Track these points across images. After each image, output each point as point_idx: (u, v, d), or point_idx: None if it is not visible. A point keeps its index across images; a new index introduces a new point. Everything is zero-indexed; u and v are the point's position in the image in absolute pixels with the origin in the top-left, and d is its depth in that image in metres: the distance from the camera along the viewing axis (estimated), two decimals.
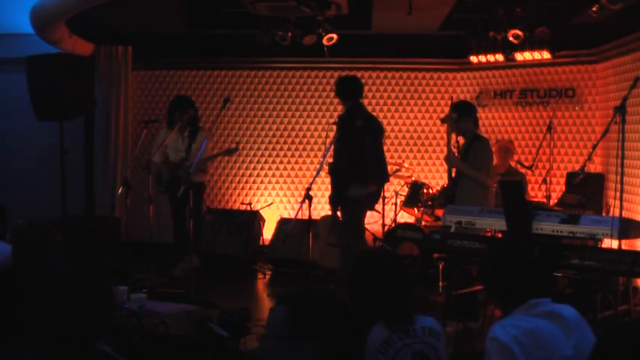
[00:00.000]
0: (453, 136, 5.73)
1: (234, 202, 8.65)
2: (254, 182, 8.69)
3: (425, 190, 7.11)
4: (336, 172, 5.81)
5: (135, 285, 4.67)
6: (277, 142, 8.61)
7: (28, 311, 1.68)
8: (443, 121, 5.86)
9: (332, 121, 6.95)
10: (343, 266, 5.91)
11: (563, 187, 7.25)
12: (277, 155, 8.61)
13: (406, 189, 7.41)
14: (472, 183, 5.38)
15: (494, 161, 6.24)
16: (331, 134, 6.18)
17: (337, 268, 6.78)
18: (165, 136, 6.70)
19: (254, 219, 7.76)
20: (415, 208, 7.26)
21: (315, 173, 5.57)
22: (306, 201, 5.13)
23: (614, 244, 4.33)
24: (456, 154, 5.67)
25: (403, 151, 8.49)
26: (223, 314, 4.21)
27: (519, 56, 7.42)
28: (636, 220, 5.36)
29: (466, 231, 4.93)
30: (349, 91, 5.91)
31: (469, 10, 7.18)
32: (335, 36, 7.44)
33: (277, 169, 8.63)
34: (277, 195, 8.61)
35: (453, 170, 5.67)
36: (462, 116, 5.49)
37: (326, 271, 6.82)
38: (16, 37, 7.87)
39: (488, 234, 5.34)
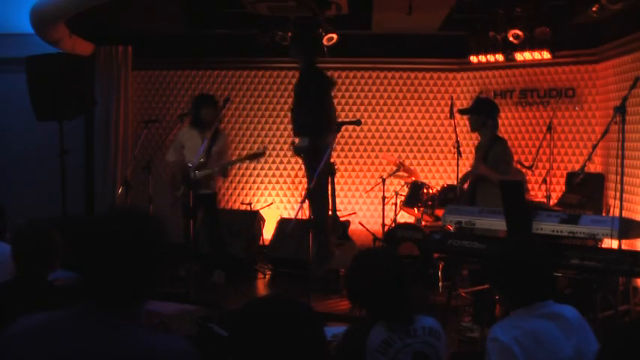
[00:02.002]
0: (453, 136, 5.73)
1: (234, 202, 8.66)
2: (254, 182, 8.69)
3: (425, 190, 7.11)
4: (312, 122, 5.77)
5: None
6: (277, 142, 8.62)
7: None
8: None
9: None
10: (318, 219, 5.97)
11: (563, 187, 7.25)
12: (277, 155, 8.62)
13: (406, 189, 7.41)
14: (494, 186, 5.30)
15: None
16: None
17: (337, 268, 6.78)
18: (182, 135, 6.59)
19: (254, 219, 7.76)
20: (415, 208, 7.26)
21: (315, 173, 5.56)
22: (306, 201, 5.13)
23: (614, 244, 4.33)
24: (455, 155, 5.66)
25: (403, 151, 8.49)
26: (223, 314, 4.21)
27: (519, 56, 7.42)
28: (636, 220, 5.36)
29: (467, 231, 4.92)
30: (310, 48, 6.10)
31: (469, 10, 7.18)
32: (335, 36, 7.44)
33: (277, 169, 8.63)
34: (277, 195, 8.62)
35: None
36: (478, 114, 5.47)
37: (326, 271, 6.82)
38: (16, 37, 7.87)
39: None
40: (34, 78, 6.07)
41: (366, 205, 8.53)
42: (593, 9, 6.03)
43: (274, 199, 8.58)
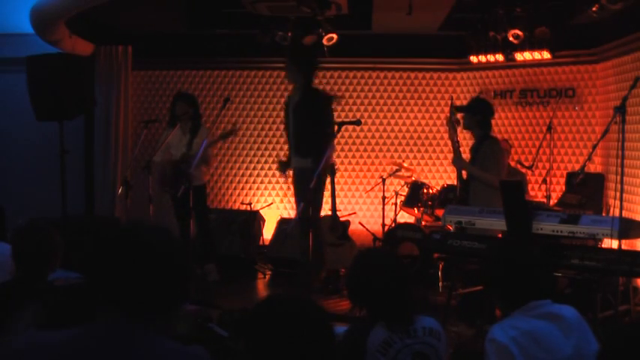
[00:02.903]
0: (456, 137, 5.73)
1: (234, 202, 8.66)
2: (254, 182, 8.69)
3: (425, 190, 7.11)
4: (317, 143, 5.63)
5: None
6: (277, 142, 8.61)
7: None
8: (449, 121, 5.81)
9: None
10: (316, 247, 5.89)
11: (563, 187, 7.25)
12: (277, 155, 8.60)
13: (406, 189, 7.41)
14: (484, 186, 5.31)
15: None
16: None
17: (337, 268, 6.78)
18: (166, 136, 6.68)
19: (254, 219, 7.76)
20: (415, 208, 7.26)
21: (315, 172, 5.55)
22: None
23: (614, 244, 4.33)
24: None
25: (403, 151, 8.49)
26: (223, 314, 4.21)
27: (519, 56, 7.42)
28: (636, 220, 5.36)
29: (467, 231, 4.92)
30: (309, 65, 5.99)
31: (469, 10, 7.18)
32: (335, 36, 7.44)
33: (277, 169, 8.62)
34: (277, 195, 8.62)
35: (464, 172, 5.65)
36: (469, 113, 5.47)
37: (326, 271, 6.81)
38: (16, 37, 7.87)
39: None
40: (34, 78, 6.06)
41: (366, 205, 8.53)
42: (593, 9, 6.03)
43: (274, 199, 8.58)
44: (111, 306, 1.67)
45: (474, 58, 7.77)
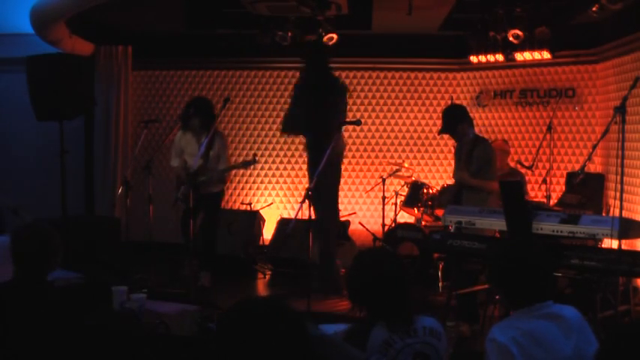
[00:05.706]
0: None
1: (234, 202, 8.66)
2: (254, 182, 8.69)
3: (425, 190, 7.11)
4: (327, 130, 5.52)
5: (135, 285, 4.66)
6: (277, 142, 8.61)
7: None
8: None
9: None
10: (328, 243, 5.79)
11: (563, 187, 7.25)
12: (277, 155, 8.62)
13: (406, 189, 7.41)
14: (479, 191, 5.28)
15: None
16: None
17: (337, 269, 6.76)
18: (179, 140, 6.59)
19: (254, 219, 7.76)
20: (415, 208, 7.26)
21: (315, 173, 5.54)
22: (306, 201, 5.12)
23: (614, 244, 4.33)
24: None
25: (403, 151, 8.49)
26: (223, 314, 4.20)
27: (519, 56, 7.42)
28: (636, 220, 5.35)
29: (467, 231, 4.92)
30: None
31: (469, 10, 7.18)
32: (335, 36, 7.43)
33: (277, 169, 8.63)
34: (277, 195, 8.62)
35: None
36: (457, 124, 5.40)
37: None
38: (16, 37, 7.87)
39: (497, 234, 5.26)
40: (34, 78, 6.05)
41: (366, 205, 8.53)
42: (593, 9, 6.03)
43: (274, 199, 8.58)
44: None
45: (474, 58, 7.77)
